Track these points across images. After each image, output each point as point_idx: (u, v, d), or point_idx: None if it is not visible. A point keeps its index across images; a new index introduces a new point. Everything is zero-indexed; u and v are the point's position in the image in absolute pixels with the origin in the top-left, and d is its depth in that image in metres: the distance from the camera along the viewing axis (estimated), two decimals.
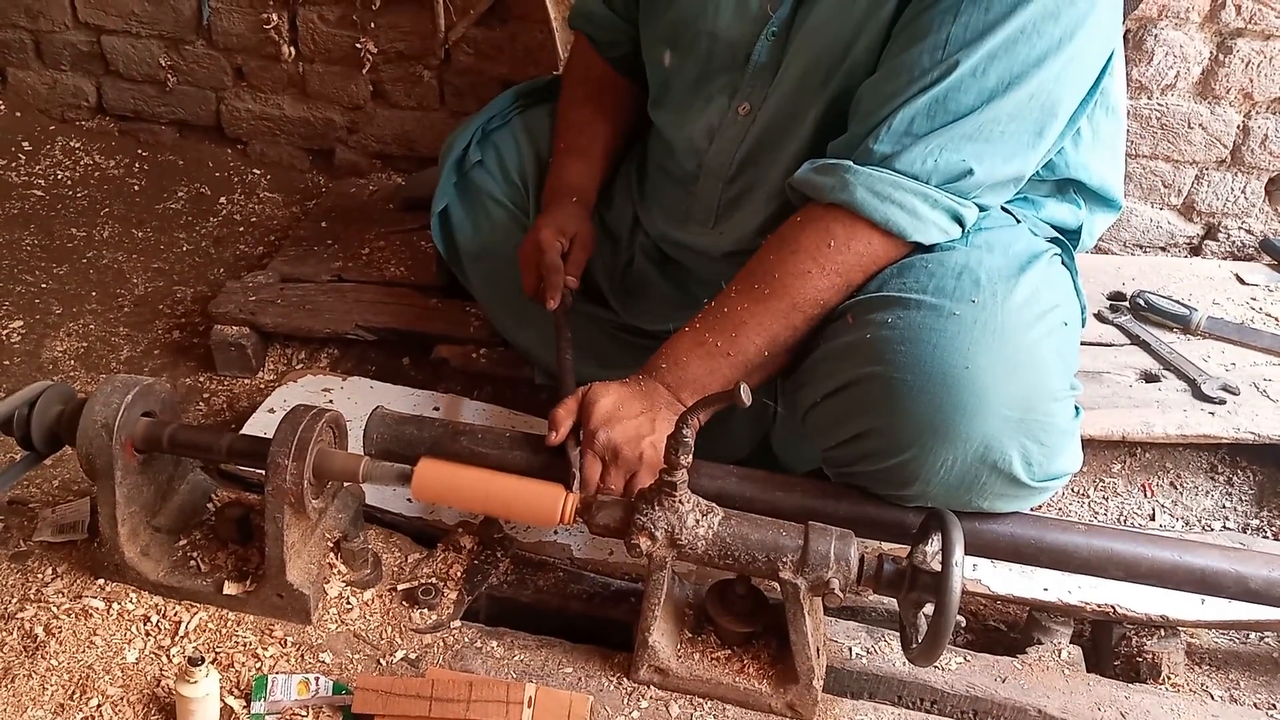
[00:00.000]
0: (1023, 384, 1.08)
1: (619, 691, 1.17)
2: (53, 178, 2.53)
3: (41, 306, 2.07)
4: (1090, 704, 1.20)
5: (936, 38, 1.12)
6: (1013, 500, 1.17)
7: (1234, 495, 1.67)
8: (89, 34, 2.60)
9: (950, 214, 1.15)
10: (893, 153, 1.14)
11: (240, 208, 2.48)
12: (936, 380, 1.08)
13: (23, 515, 1.36)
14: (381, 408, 1.31)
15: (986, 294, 1.10)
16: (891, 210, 1.14)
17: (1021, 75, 1.11)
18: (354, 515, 1.31)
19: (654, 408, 1.21)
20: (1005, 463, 1.10)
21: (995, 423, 1.08)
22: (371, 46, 2.39)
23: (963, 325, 1.08)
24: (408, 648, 1.20)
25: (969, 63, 1.10)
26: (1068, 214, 1.37)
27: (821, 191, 1.19)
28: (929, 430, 1.09)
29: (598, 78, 1.62)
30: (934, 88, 1.12)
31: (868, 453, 1.17)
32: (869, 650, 1.26)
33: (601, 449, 1.17)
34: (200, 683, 1.06)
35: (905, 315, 1.11)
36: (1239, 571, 1.16)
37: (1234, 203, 2.09)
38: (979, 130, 1.12)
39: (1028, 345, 1.09)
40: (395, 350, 1.91)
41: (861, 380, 1.14)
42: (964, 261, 1.14)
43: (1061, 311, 1.16)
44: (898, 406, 1.10)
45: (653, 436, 1.18)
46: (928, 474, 1.12)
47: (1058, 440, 1.13)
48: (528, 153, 1.66)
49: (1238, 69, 1.95)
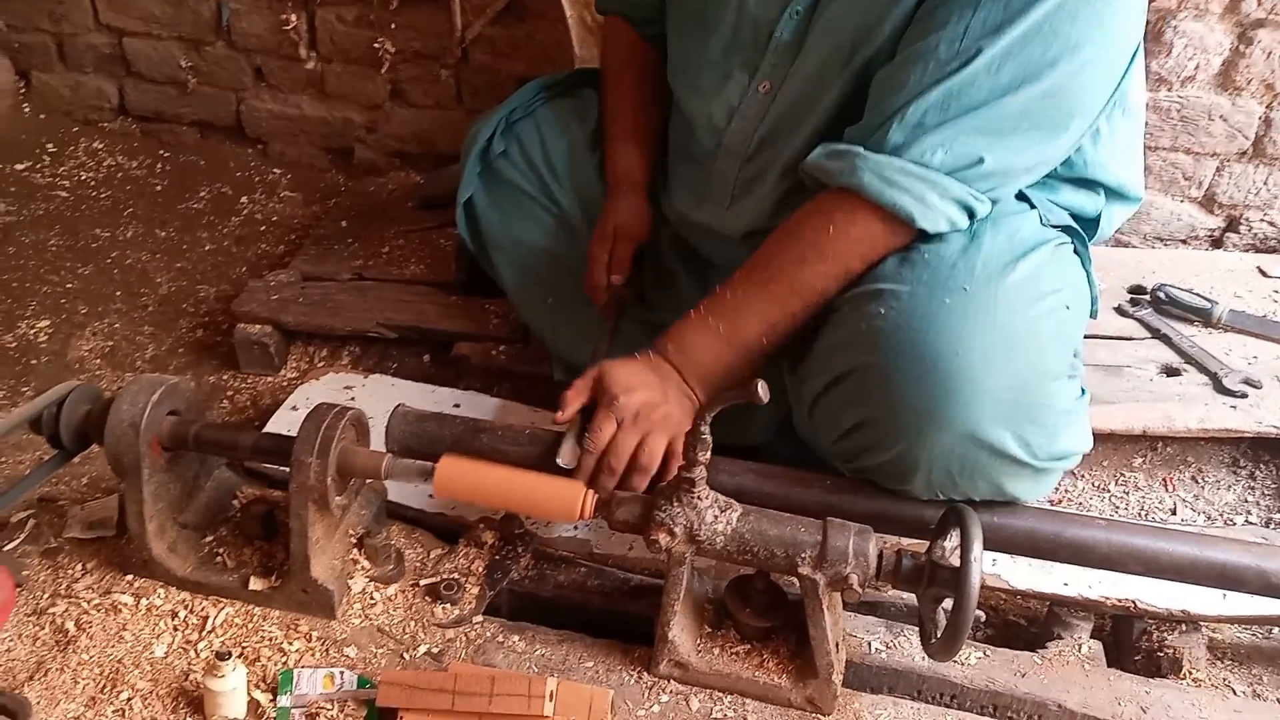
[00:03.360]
0: (1016, 366, 1.09)
1: (639, 686, 1.18)
2: (77, 179, 2.56)
3: (67, 306, 2.10)
4: (1111, 699, 1.20)
5: (955, 29, 1.12)
6: (1020, 482, 1.17)
7: (1256, 489, 1.66)
8: (110, 36, 2.63)
9: (960, 204, 1.15)
10: (904, 143, 1.14)
11: (261, 207, 2.51)
12: (928, 367, 1.09)
13: (52, 512, 1.38)
14: (403, 405, 1.32)
15: (980, 280, 1.10)
16: (899, 195, 1.14)
17: (1037, 72, 1.10)
18: (377, 512, 1.33)
19: (665, 381, 1.23)
20: (1002, 444, 1.11)
21: (989, 406, 1.09)
22: (389, 46, 2.40)
23: (953, 312, 1.09)
24: (430, 642, 1.22)
25: (985, 57, 1.10)
26: (1086, 200, 1.36)
27: (831, 176, 1.19)
28: (923, 417, 1.10)
29: (641, 60, 1.61)
30: (948, 80, 1.12)
31: (867, 444, 1.19)
32: (888, 645, 1.26)
33: (620, 410, 1.18)
34: (228, 677, 1.08)
35: (898, 305, 1.12)
36: (1261, 566, 1.16)
37: (1256, 195, 2.07)
38: (990, 124, 1.12)
39: (1022, 327, 1.10)
40: (416, 348, 1.92)
41: (857, 370, 1.16)
42: (961, 250, 1.14)
43: (1064, 295, 1.16)
44: (892, 395, 1.12)
45: (666, 405, 1.20)
46: (928, 462, 1.14)
47: (1057, 421, 1.13)
48: (553, 143, 1.65)
49: (1259, 60, 1.93)
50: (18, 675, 1.15)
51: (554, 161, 1.64)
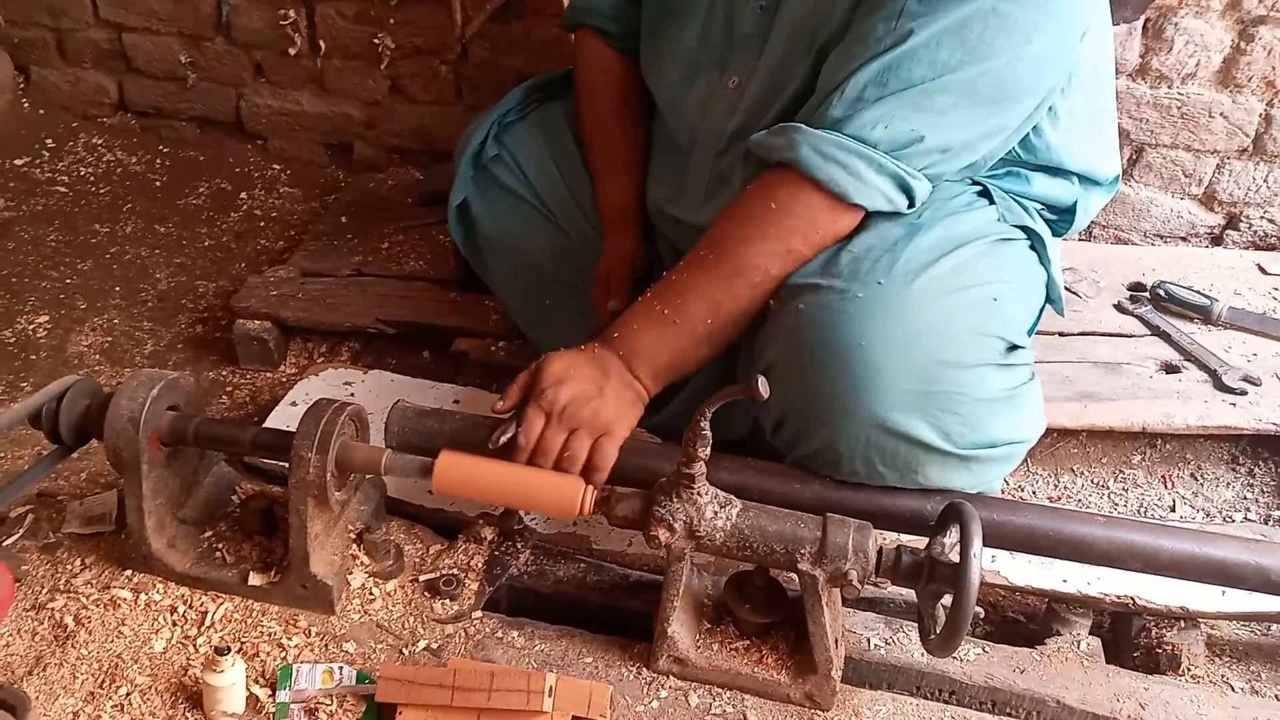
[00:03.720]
0: (919, 357, 1.11)
1: (638, 681, 1.18)
2: (76, 174, 2.56)
3: (67, 302, 2.10)
4: (1109, 695, 1.20)
5: (893, 6, 1.13)
6: (948, 470, 1.19)
7: (1255, 487, 1.66)
8: (110, 32, 2.62)
9: (896, 181, 1.15)
10: (843, 117, 1.14)
11: (260, 203, 2.50)
12: (832, 358, 1.12)
13: (51, 507, 1.38)
14: (402, 401, 1.32)
15: (897, 275, 1.12)
16: (835, 170, 1.14)
17: (977, 51, 1.11)
18: (376, 507, 1.33)
19: (605, 375, 1.21)
20: (915, 432, 1.13)
21: (894, 395, 1.11)
22: (389, 42, 2.40)
23: (861, 305, 1.11)
24: (430, 638, 1.22)
25: (924, 33, 1.11)
26: (1060, 189, 1.36)
27: (771, 151, 1.20)
28: (833, 408, 1.14)
29: (619, 81, 1.58)
30: (886, 54, 1.13)
31: (793, 436, 1.22)
32: (887, 641, 1.26)
33: (548, 405, 1.18)
34: (226, 672, 1.08)
35: (814, 299, 1.14)
36: (1259, 563, 1.16)
37: (1256, 192, 2.07)
38: (929, 100, 1.13)
39: (928, 319, 1.11)
40: (415, 343, 1.92)
41: (779, 362, 1.18)
42: (889, 245, 1.15)
43: (993, 289, 1.17)
44: (803, 387, 1.15)
45: (598, 402, 1.19)
46: (848, 451, 1.17)
47: (978, 410, 1.15)
48: (545, 148, 1.64)
49: (1260, 57, 1.93)
50: (17, 670, 1.15)
51: (546, 166, 1.63)
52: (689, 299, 1.21)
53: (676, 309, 1.22)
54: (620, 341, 1.23)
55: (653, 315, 1.23)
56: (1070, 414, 1.59)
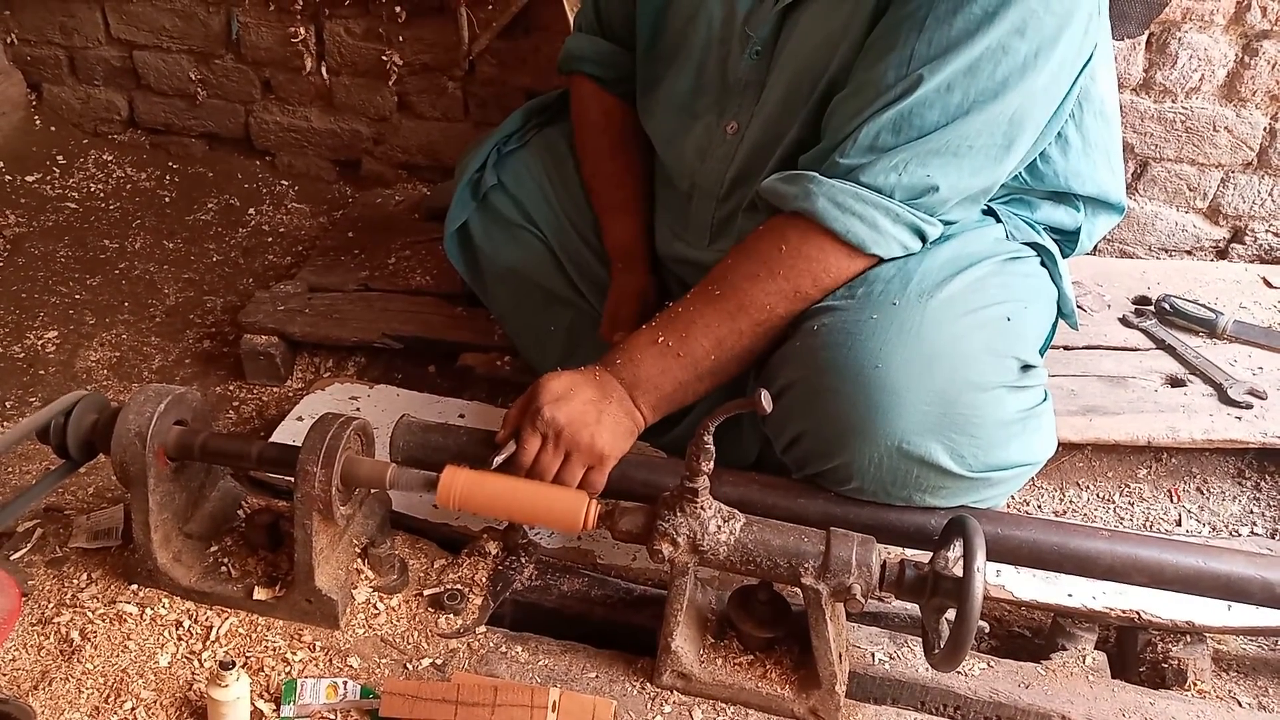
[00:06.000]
0: (938, 379, 1.10)
1: (642, 696, 1.18)
2: (86, 190, 2.58)
3: (75, 317, 2.11)
4: (1115, 710, 1.20)
5: (901, 53, 1.12)
6: (955, 493, 1.19)
7: (1261, 500, 1.65)
8: (121, 49, 2.65)
9: (912, 229, 1.16)
10: (858, 166, 1.14)
11: (269, 218, 2.52)
12: (850, 381, 1.11)
13: (58, 522, 1.39)
14: (408, 416, 1.32)
15: (911, 296, 1.12)
16: (852, 222, 1.15)
17: (988, 91, 1.11)
18: (381, 521, 1.33)
19: (605, 399, 1.21)
20: (931, 456, 1.13)
21: (913, 418, 1.11)
22: (397, 59, 2.42)
23: (877, 327, 1.11)
24: (434, 652, 1.22)
25: (935, 79, 1.11)
26: (1064, 216, 1.37)
27: (785, 200, 1.20)
28: (850, 430, 1.13)
29: (619, 123, 1.59)
30: (899, 103, 1.12)
31: (806, 455, 1.21)
32: (891, 656, 1.26)
33: (544, 426, 1.18)
34: (231, 686, 1.08)
35: (830, 321, 1.15)
36: (1265, 578, 1.16)
37: (1261, 205, 2.07)
38: (945, 146, 1.13)
39: (946, 340, 1.11)
40: (421, 358, 1.93)
41: (793, 385, 1.18)
42: (901, 267, 1.16)
43: (1006, 308, 1.18)
44: (820, 409, 1.15)
45: (595, 428, 1.19)
46: (860, 471, 1.16)
47: (993, 432, 1.14)
48: (547, 175, 1.64)
49: (1264, 71, 1.93)
50: (23, 684, 1.16)
51: (546, 197, 1.63)
52: (693, 332, 1.22)
53: (681, 342, 1.22)
54: (623, 368, 1.24)
55: (656, 345, 1.23)
56: (1075, 428, 1.59)
